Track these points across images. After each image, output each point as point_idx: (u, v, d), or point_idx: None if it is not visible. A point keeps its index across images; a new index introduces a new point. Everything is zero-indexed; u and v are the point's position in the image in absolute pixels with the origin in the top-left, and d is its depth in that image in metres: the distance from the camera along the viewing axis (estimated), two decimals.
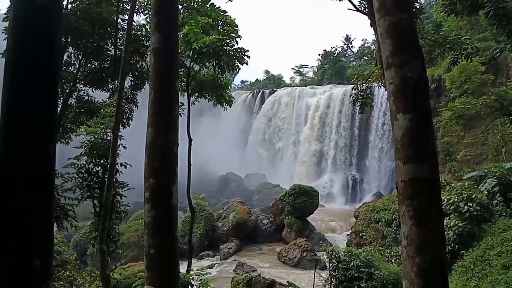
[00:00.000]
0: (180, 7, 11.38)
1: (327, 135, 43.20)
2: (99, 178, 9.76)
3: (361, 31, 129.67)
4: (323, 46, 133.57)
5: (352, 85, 16.13)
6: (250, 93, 55.55)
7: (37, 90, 1.93)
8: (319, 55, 69.71)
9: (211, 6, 11.92)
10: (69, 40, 11.75)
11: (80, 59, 12.73)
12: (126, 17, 10.88)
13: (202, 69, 13.70)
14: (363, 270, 11.55)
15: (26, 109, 1.89)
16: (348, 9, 11.97)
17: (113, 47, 12.12)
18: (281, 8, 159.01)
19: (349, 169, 41.22)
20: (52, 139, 1.98)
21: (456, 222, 12.26)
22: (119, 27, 12.07)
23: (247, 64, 12.95)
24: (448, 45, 12.75)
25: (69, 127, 13.22)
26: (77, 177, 9.74)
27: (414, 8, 12.18)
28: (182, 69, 13.02)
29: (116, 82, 11.88)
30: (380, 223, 19.34)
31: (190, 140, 12.92)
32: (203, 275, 10.80)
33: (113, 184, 8.46)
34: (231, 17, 12.74)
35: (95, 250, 8.87)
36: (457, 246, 11.98)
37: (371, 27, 11.69)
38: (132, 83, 13.21)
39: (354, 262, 11.70)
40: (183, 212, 26.09)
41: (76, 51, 12.67)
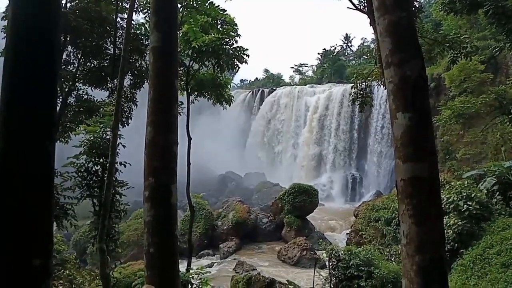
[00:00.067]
0: (179, 6, 11.36)
1: (326, 138, 42.90)
2: (98, 177, 9.75)
3: (361, 30, 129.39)
4: (322, 45, 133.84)
5: (352, 84, 16.11)
6: (249, 92, 55.58)
7: (36, 90, 1.93)
8: (318, 54, 69.79)
9: (210, 5, 11.89)
10: (68, 39, 11.73)
11: (79, 58, 12.69)
12: (125, 16, 10.85)
13: (201, 68, 13.69)
14: (363, 268, 11.57)
15: (25, 109, 1.89)
16: (348, 8, 11.91)
17: (112, 46, 12.10)
18: (280, 7, 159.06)
19: (349, 168, 41.20)
20: (52, 138, 1.98)
21: (456, 220, 12.29)
22: (118, 26, 12.05)
23: (246, 63, 12.95)
24: (447, 44, 12.74)
25: (68, 126, 13.20)
26: (77, 176, 9.73)
27: (414, 7, 12.17)
28: (182, 68, 13.01)
29: (115, 81, 11.85)
30: (380, 222, 19.38)
31: (189, 139, 12.92)
32: (203, 274, 10.84)
33: (112, 183, 8.46)
34: (230, 16, 12.72)
35: (95, 249, 8.88)
36: (456, 244, 12.02)
37: (371, 25, 11.68)
38: (132, 82, 13.18)
39: (354, 261, 11.72)
40: (182, 211, 26.12)
41: (75, 50, 12.64)
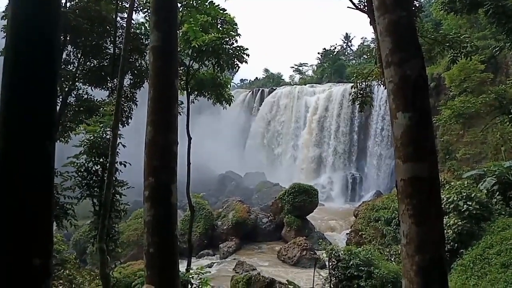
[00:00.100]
0: (179, 5, 11.36)
1: (326, 140, 42.72)
2: (98, 176, 9.76)
3: (361, 29, 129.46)
4: (322, 45, 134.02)
5: (352, 84, 16.09)
6: (249, 91, 55.54)
7: (36, 89, 1.92)
8: (318, 53, 69.81)
9: (210, 5, 11.89)
10: (68, 39, 11.73)
11: (79, 57, 12.69)
12: (125, 15, 10.85)
13: (201, 67, 13.69)
14: (363, 268, 11.57)
15: (25, 108, 1.89)
16: (348, 7, 11.90)
17: (112, 45, 12.09)
18: (280, 7, 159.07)
19: (349, 168, 41.16)
20: (52, 138, 1.97)
21: (456, 220, 12.29)
22: (118, 25, 12.05)
23: (246, 62, 12.97)
24: (447, 44, 12.72)
25: (68, 125, 13.20)
26: (77, 176, 9.75)
27: (414, 6, 12.16)
28: (182, 67, 13.01)
29: (115, 80, 11.84)
30: (380, 222, 19.39)
31: (189, 138, 12.92)
32: (203, 273, 10.84)
33: (112, 183, 8.47)
34: (230, 15, 12.74)
35: (95, 249, 8.88)
36: (456, 244, 12.01)
37: (371, 25, 11.68)
38: (131, 81, 13.17)
39: (354, 261, 11.72)
40: (182, 211, 26.12)
41: (75, 50, 12.64)
